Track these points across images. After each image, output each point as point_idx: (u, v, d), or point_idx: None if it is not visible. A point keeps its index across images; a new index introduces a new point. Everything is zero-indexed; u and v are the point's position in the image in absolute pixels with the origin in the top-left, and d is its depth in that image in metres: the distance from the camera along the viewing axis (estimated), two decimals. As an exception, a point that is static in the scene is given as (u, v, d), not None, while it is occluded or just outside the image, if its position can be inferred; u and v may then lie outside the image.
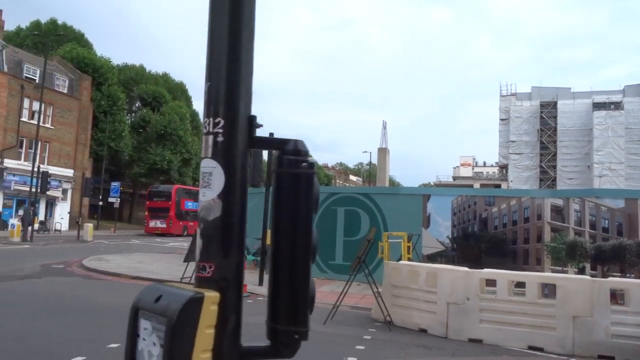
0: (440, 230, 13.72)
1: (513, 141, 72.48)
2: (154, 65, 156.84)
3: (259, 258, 16.68)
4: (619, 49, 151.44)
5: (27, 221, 33.51)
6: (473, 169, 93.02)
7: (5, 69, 36.77)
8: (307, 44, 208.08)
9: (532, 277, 7.94)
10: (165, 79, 59.64)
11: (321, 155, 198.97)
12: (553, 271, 12.31)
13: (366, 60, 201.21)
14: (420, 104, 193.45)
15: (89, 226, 31.44)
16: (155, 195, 44.74)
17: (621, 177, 62.31)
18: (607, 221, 11.98)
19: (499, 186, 69.16)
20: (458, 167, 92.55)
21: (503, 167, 75.96)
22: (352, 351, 7.09)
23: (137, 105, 57.60)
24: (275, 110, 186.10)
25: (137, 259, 19.89)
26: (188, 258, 12.69)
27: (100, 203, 43.04)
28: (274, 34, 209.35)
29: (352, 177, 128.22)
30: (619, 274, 11.49)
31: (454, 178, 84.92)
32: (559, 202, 12.82)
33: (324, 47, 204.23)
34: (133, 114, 55.80)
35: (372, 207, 15.10)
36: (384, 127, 56.80)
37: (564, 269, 12.25)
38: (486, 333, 7.84)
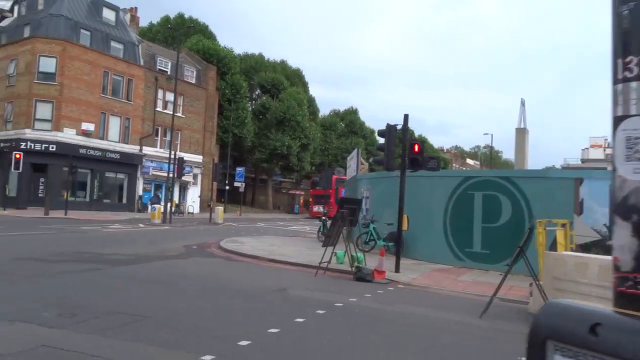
0: (596, 217, 12.42)
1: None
2: (272, 53, 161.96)
3: (390, 244, 16.37)
4: None
5: (155, 204, 36.22)
6: (605, 150, 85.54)
7: (142, 63, 39.63)
8: (417, 24, 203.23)
9: None
10: (282, 66, 61.13)
11: (435, 138, 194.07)
12: None
13: (480, 39, 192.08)
14: (540, 82, 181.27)
15: (219, 209, 33.09)
16: (318, 184, 46.65)
17: None
18: None
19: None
20: (587, 148, 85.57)
21: None
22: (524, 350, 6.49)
23: (257, 92, 59.66)
24: (384, 92, 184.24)
25: (268, 241, 20.46)
26: (327, 243, 12.65)
27: (227, 187, 45.26)
28: (383, 13, 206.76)
29: (469, 161, 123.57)
30: None
31: (583, 161, 78.77)
32: None
33: (435, 27, 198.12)
34: (253, 102, 57.87)
35: (514, 191, 14.09)
36: (522, 105, 53.52)
37: None
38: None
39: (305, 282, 11.09)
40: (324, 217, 22.52)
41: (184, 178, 39.73)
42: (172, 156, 30.36)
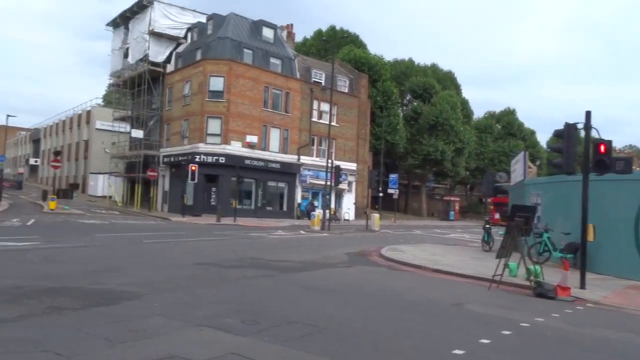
0: None
1: None
2: (422, 57, 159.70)
3: (568, 255, 14.80)
4: None
5: (309, 211, 37.30)
6: None
7: (298, 76, 41.37)
8: (575, 15, 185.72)
9: None
10: (433, 69, 59.87)
11: (602, 136, 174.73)
12: None
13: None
14: None
15: (375, 217, 33.15)
16: (499, 192, 45.75)
17: None
18: None
19: None
20: None
21: None
22: None
23: (407, 98, 59.10)
24: (542, 90, 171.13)
25: (429, 250, 19.83)
26: (500, 254, 11.76)
27: (380, 194, 45.27)
28: (536, 8, 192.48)
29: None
30: None
31: None
32: None
33: (597, 17, 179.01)
34: (404, 107, 57.36)
35: None
36: None
37: None
38: None
39: (480, 297, 10.35)
40: (487, 226, 21.25)
41: (339, 186, 40.61)
42: (329, 164, 31.04)
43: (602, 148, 11.25)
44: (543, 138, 74.32)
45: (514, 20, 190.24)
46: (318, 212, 31.27)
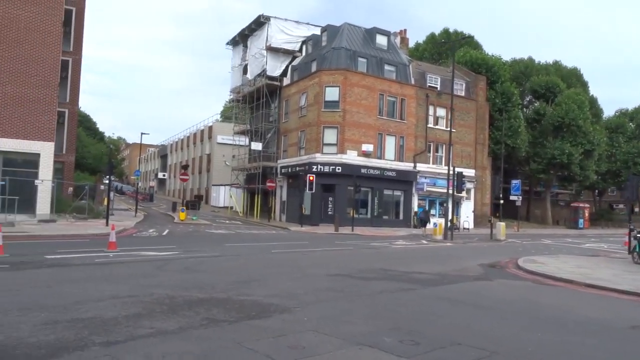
0: None
1: None
2: (543, 55, 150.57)
3: None
4: None
5: (424, 220, 35.98)
6: None
7: (412, 82, 40.54)
8: None
9: None
10: (556, 67, 56.01)
11: None
12: None
13: None
14: None
15: (501, 225, 31.38)
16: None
17: None
18: None
19: None
20: None
21: None
22: None
23: (528, 99, 55.74)
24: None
25: (570, 262, 18.14)
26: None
27: (501, 201, 42.93)
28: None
29: None
30: None
31: None
32: None
33: None
34: (525, 109, 54.12)
35: None
36: None
37: None
38: None
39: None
40: (638, 234, 19.03)
41: (460, 193, 39.04)
42: (450, 171, 29.87)
43: None
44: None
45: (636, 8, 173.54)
46: (439, 221, 30.15)
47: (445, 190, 42.16)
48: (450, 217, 30.35)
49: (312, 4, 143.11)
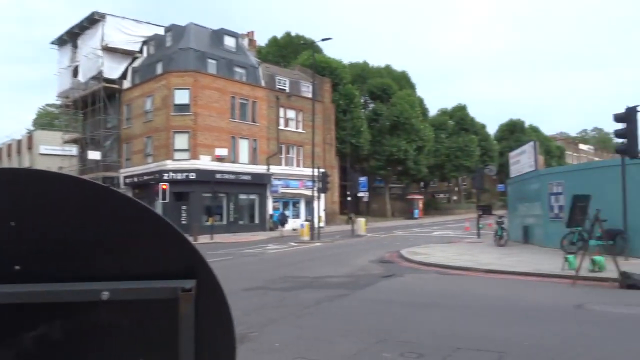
0: None
1: None
2: (376, 59, 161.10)
3: (607, 243, 14.44)
4: None
5: (282, 222, 36.26)
6: None
7: (263, 84, 40.14)
8: (500, 11, 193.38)
9: None
10: (388, 70, 60.10)
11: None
12: None
13: (565, 17, 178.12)
14: (636, 59, 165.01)
15: (361, 221, 32.45)
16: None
17: None
18: None
19: None
20: None
21: None
22: None
23: (363, 99, 58.84)
24: (474, 83, 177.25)
25: (447, 250, 19.26)
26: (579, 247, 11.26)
27: (349, 198, 44.68)
28: (462, 5, 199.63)
29: (582, 146, 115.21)
30: None
31: None
32: None
33: (518, 12, 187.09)
34: (364, 109, 57.11)
35: None
36: None
37: None
38: None
39: (578, 295, 9.70)
40: (500, 219, 20.96)
41: (306, 192, 39.59)
42: (316, 172, 30.05)
43: (668, 129, 10.96)
44: (490, 132, 76.05)
45: (439, 19, 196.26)
46: (303, 222, 30.20)
47: (298, 192, 42.86)
48: (314, 217, 30.55)
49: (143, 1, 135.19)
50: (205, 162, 35.20)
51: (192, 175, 34.47)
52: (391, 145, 52.16)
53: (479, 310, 8.46)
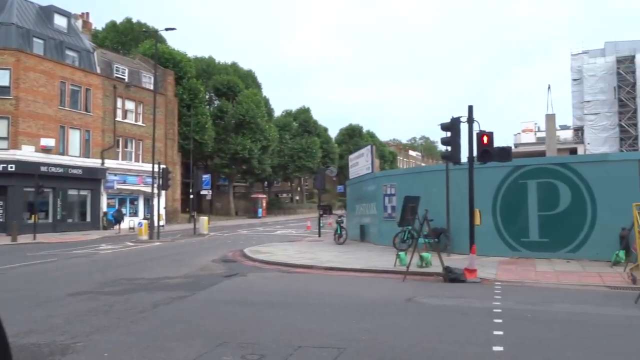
0: (664, 196, 12.57)
1: (588, 101, 69.48)
2: (222, 55, 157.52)
3: (433, 240, 15.73)
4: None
5: (118, 220, 34.33)
6: (535, 134, 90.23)
7: (98, 71, 37.15)
8: (343, 21, 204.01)
9: None
10: (234, 68, 59.55)
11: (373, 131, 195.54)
12: None
13: (400, 33, 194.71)
14: (461, 73, 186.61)
15: (204, 220, 31.60)
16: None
17: None
18: None
19: (575, 150, 66.48)
20: (519, 133, 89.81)
21: (578, 130, 72.95)
22: None
23: (209, 96, 57.59)
24: (318, 87, 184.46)
25: (290, 249, 19.51)
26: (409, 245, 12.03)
27: (191, 196, 43.41)
28: (310, 12, 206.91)
29: (411, 153, 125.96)
30: None
31: (516, 145, 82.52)
32: None
33: (360, 24, 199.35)
34: (209, 106, 55.86)
35: (572, 177, 14.05)
36: (549, 91, 54.46)
37: None
38: None
39: (409, 289, 10.37)
40: (340, 219, 21.81)
41: (146, 189, 37.58)
42: (156, 168, 28.49)
43: (485, 139, 12.23)
44: (332, 135, 79.60)
45: (287, 24, 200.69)
46: (143, 221, 28.52)
47: (136, 188, 40.41)
48: (153, 215, 29.01)
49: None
50: (28, 153, 31.48)
51: (12, 167, 30.59)
52: (236, 143, 51.77)
53: (320, 308, 8.60)
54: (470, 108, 12.61)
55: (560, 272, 12.24)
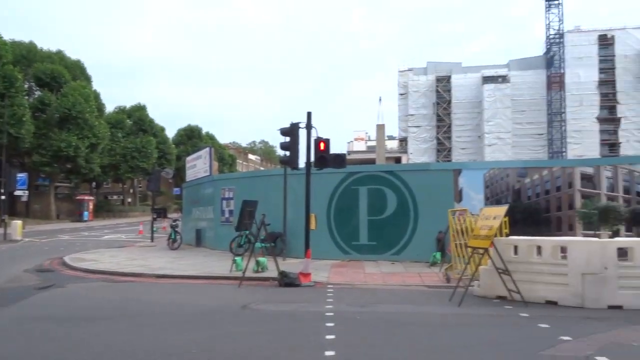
0: (473, 203, 14.09)
1: (412, 115, 76.29)
2: (46, 42, 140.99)
3: (269, 245, 15.72)
4: (483, 23, 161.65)
5: None
6: (366, 143, 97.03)
7: None
8: (185, 19, 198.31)
9: (669, 242, 8.56)
10: (60, 57, 53.99)
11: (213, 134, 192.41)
12: (585, 235, 13.27)
13: (243, 37, 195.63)
14: (303, 80, 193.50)
15: (17, 224, 28.08)
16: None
17: (508, 145, 68.35)
18: (640, 185, 13.16)
19: (399, 159, 72.64)
20: (352, 142, 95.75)
21: (402, 140, 79.76)
22: (549, 330, 7.03)
23: (29, 85, 51.57)
24: (155, 85, 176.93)
25: (119, 255, 18.10)
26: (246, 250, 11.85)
27: (3, 197, 38.44)
28: (149, 6, 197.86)
29: (250, 156, 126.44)
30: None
31: (349, 152, 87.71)
32: (589, 170, 13.79)
33: (203, 24, 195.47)
34: (28, 97, 49.94)
35: (398, 184, 15.09)
36: (380, 102, 56.19)
37: (596, 232, 13.25)
38: (626, 299, 8.28)
39: (245, 296, 10.19)
40: (174, 223, 20.86)
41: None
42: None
43: (322, 146, 12.59)
44: (170, 135, 76.40)
45: (125, 19, 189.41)
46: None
47: None
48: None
49: None
50: None
51: None
52: (60, 140, 47.03)
53: (149, 320, 8.02)
54: (309, 114, 12.89)
55: (386, 273, 13.05)
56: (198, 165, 22.11)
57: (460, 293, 9.08)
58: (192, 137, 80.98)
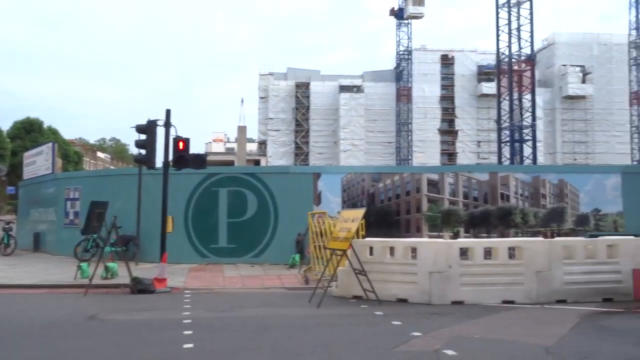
0: (332, 206, 14.50)
1: (271, 118, 77.22)
2: None
3: (119, 249, 14.56)
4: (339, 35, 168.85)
5: None
6: (225, 144, 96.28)
7: None
8: (26, 3, 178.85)
9: (502, 243, 9.46)
10: None
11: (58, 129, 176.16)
12: (430, 236, 14.37)
13: (92, 27, 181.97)
14: (159, 81, 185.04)
15: None
16: None
17: (362, 151, 72.25)
18: (476, 191, 14.51)
19: (258, 161, 73.10)
20: (210, 142, 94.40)
21: (262, 143, 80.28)
22: (401, 327, 7.36)
23: None
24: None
25: None
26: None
27: None
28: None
29: (99, 154, 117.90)
30: (485, 235, 14.18)
31: (207, 153, 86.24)
32: (434, 176, 14.92)
33: (45, 6, 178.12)
34: None
35: (259, 186, 15.00)
36: (242, 104, 54.14)
37: (440, 234, 14.41)
38: (467, 295, 9.05)
39: (92, 305, 9.33)
40: (7, 226, 18.59)
41: None
42: None
43: (181, 145, 12.08)
44: (4, 128, 68.20)
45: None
46: None
47: None
48: None
49: None
50: None
51: None
52: None
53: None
54: (168, 112, 12.29)
55: (246, 276, 12.90)
56: (38, 161, 19.97)
57: (320, 294, 9.23)
58: (31, 131, 73.14)
